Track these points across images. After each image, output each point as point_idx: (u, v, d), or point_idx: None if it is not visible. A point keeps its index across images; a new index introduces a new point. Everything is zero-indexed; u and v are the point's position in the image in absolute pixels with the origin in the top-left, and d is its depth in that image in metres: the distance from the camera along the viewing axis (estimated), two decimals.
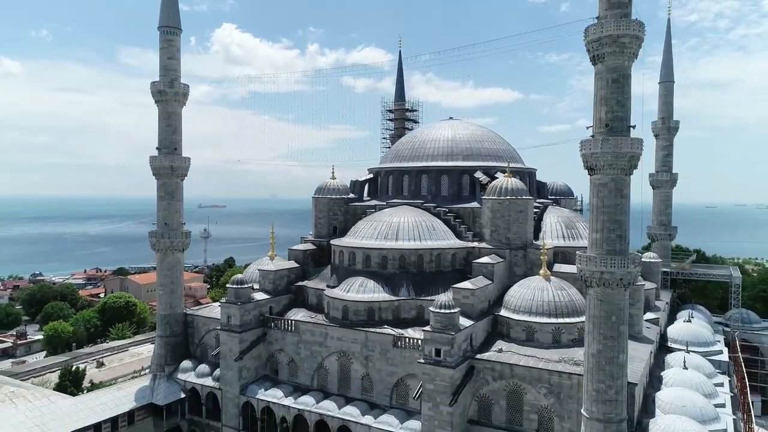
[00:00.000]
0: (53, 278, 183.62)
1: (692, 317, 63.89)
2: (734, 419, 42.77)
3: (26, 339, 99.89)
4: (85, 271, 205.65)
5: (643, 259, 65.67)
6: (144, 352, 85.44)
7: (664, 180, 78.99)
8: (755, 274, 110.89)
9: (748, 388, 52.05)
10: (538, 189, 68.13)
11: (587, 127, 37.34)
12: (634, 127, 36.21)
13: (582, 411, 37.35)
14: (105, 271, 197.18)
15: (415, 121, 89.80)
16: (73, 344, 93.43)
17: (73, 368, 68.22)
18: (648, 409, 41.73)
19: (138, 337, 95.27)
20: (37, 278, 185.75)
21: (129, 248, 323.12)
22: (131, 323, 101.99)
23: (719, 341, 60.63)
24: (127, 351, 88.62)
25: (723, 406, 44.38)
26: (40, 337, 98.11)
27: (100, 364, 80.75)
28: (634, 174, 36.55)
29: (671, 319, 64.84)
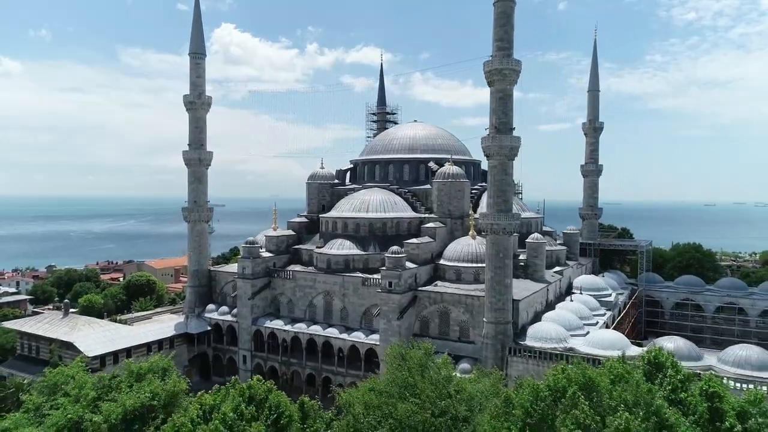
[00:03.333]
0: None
1: (604, 275, 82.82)
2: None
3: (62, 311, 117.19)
4: (97, 263, 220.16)
5: (565, 231, 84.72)
6: (165, 320, 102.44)
7: (591, 170, 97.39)
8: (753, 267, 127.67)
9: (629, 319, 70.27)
10: (484, 175, 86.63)
11: (486, 129, 55.77)
12: (514, 128, 54.70)
13: (484, 319, 55.74)
14: (117, 263, 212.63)
15: (395, 122, 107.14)
16: (105, 314, 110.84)
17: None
18: None
19: (158, 309, 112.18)
20: (54, 270, 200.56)
21: (134, 244, 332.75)
22: (152, 298, 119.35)
23: (623, 291, 79.20)
24: (150, 319, 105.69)
25: (595, 325, 62.72)
26: (74, 310, 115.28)
27: None
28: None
29: None
